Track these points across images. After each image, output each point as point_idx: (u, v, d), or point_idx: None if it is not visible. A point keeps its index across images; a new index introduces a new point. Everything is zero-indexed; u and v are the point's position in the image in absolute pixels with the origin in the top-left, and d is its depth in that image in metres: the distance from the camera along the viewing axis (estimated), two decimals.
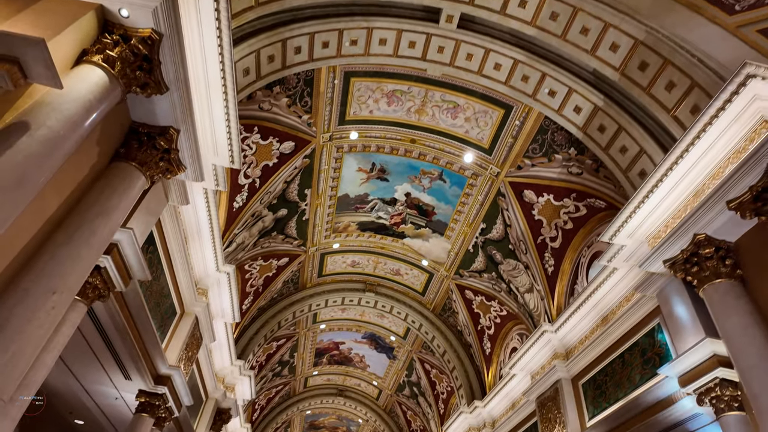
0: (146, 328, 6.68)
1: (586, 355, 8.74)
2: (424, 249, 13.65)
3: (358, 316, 17.75)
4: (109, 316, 5.88)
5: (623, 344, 7.80)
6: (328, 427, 26.67)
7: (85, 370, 7.35)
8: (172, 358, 7.93)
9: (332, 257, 14.53)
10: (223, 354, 11.48)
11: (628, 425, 7.14)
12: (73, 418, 10.09)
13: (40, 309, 3.91)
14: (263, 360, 17.17)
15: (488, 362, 13.65)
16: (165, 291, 7.53)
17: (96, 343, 6.63)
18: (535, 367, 10.15)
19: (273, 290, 13.82)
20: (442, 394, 17.52)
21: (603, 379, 8.16)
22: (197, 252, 8.30)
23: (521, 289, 11.32)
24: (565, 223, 10.05)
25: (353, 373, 21.46)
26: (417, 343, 17.45)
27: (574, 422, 8.50)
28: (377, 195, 12.30)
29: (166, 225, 7.10)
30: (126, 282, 5.46)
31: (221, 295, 9.31)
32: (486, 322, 13.50)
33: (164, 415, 7.89)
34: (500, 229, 11.38)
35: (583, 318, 8.85)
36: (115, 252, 5.10)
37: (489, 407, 12.50)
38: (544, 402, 9.52)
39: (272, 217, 11.32)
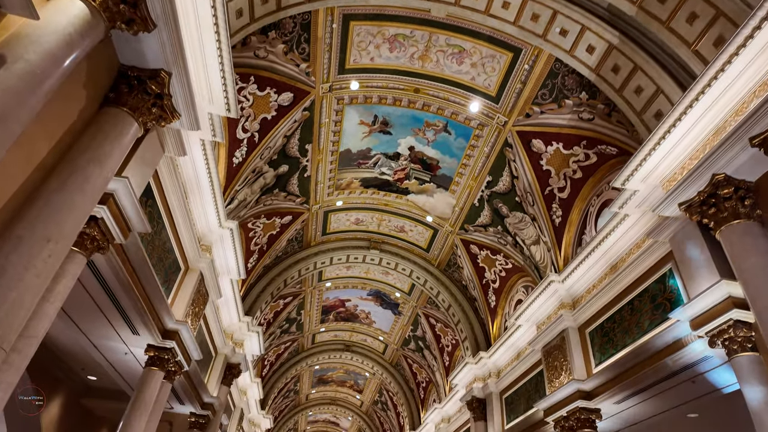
0: (150, 282, 6.60)
1: (593, 303, 8.70)
2: (429, 205, 13.46)
3: (363, 273, 17.82)
4: (111, 270, 5.78)
5: (632, 291, 7.73)
6: (336, 380, 27.49)
7: (93, 326, 7.36)
8: (178, 314, 7.93)
9: (336, 215, 14.38)
10: (231, 311, 11.56)
11: (636, 370, 7.17)
12: (86, 374, 10.29)
13: (36, 257, 3.77)
14: (271, 317, 17.40)
15: (493, 315, 13.75)
16: (167, 246, 7.41)
17: (101, 299, 6.58)
18: (541, 318, 10.18)
19: (277, 249, 13.77)
20: (447, 347, 17.84)
21: (611, 326, 8.14)
22: (198, 207, 8.13)
23: (527, 241, 11.20)
24: (574, 173, 9.78)
25: (359, 329, 21.83)
26: (422, 299, 17.59)
27: (580, 369, 8.58)
28: (380, 149, 11.98)
29: (165, 179, 6.89)
30: (125, 234, 5.32)
31: (225, 252, 9.22)
32: (491, 275, 13.49)
33: (174, 369, 7.98)
34: (507, 182, 11.13)
35: (591, 267, 8.75)
36: (111, 202, 4.92)
37: (494, 358, 12.68)
38: (550, 351, 9.60)
39: (273, 174, 11.08)
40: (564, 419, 8.60)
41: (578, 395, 8.22)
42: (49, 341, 8.95)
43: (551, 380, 9.35)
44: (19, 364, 3.98)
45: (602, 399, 8.04)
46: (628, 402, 8.00)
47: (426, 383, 20.96)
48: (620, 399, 7.93)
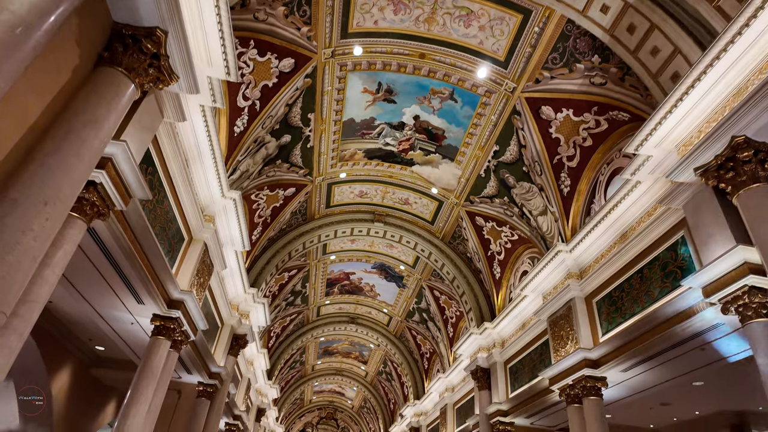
0: (154, 251, 6.52)
1: (601, 273, 8.61)
2: (434, 176, 13.26)
3: (368, 246, 17.78)
4: (113, 238, 5.69)
5: (642, 260, 7.61)
6: (341, 352, 27.91)
7: (98, 295, 7.34)
8: (183, 283, 7.89)
9: (339, 187, 14.22)
10: (236, 282, 11.56)
11: (644, 338, 7.13)
12: (94, 345, 10.38)
13: (34, 221, 3.66)
14: (276, 290, 17.48)
15: (498, 286, 13.73)
16: (170, 216, 7.31)
17: (104, 268, 6.52)
18: (548, 288, 10.12)
19: (281, 221, 13.68)
20: (451, 318, 17.94)
21: (619, 295, 8.07)
22: (200, 176, 7.98)
23: (534, 212, 11.04)
24: (584, 140, 9.53)
25: (364, 302, 21.98)
26: (426, 271, 17.60)
27: (587, 338, 8.56)
28: (384, 119, 11.71)
29: (165, 146, 6.73)
30: (126, 201, 5.19)
31: (229, 222, 9.13)
32: (496, 247, 13.39)
33: (180, 339, 8.00)
34: (514, 151, 10.89)
35: (600, 236, 8.62)
36: (110, 166, 4.77)
37: (498, 328, 12.72)
38: (556, 320, 9.57)
39: (276, 144, 10.87)
40: (569, 387, 8.63)
41: (585, 363, 8.22)
42: (56, 312, 8.99)
43: (557, 349, 9.35)
44: (22, 330, 3.93)
45: (609, 367, 8.04)
46: (634, 370, 8.01)
47: (430, 354, 21.21)
48: (627, 367, 7.94)
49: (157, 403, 7.53)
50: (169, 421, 10.63)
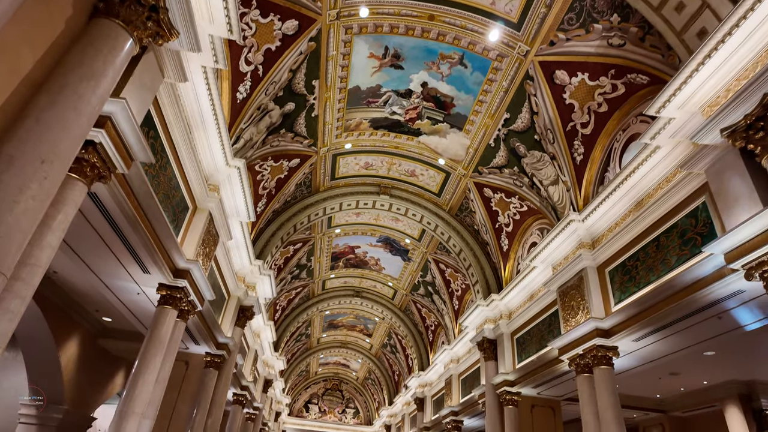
0: (158, 218, 6.35)
1: (615, 242, 8.42)
2: (441, 146, 12.95)
3: (373, 219, 17.62)
4: (116, 204, 5.50)
5: (659, 228, 7.41)
6: (346, 325, 28.14)
7: (103, 265, 7.21)
8: (189, 253, 7.75)
9: (344, 159, 13.94)
10: (242, 254, 11.45)
11: (659, 307, 6.99)
12: (101, 316, 10.35)
13: (31, 179, 3.47)
14: (281, 263, 17.43)
15: (505, 259, 13.59)
16: (174, 183, 7.10)
17: (108, 236, 6.36)
18: (558, 258, 9.96)
19: (286, 193, 13.47)
20: (457, 291, 17.91)
21: (633, 264, 7.90)
22: (203, 143, 7.74)
23: (545, 182, 10.78)
24: (599, 106, 9.19)
25: (369, 276, 21.97)
26: (432, 245, 17.47)
27: (598, 308, 8.44)
28: (391, 86, 11.33)
29: (167, 110, 6.47)
30: (127, 163, 4.98)
31: (233, 192, 8.93)
32: (504, 219, 13.19)
33: (187, 308, 7.92)
34: (526, 119, 10.55)
35: (615, 204, 8.40)
36: (109, 126, 4.54)
37: (506, 300, 12.65)
38: (566, 291, 9.45)
39: (279, 112, 10.55)
40: (579, 357, 8.57)
41: (596, 333, 8.13)
42: (62, 282, 8.90)
43: (567, 320, 9.26)
44: (24, 294, 3.78)
45: (620, 337, 7.95)
46: (647, 339, 7.92)
47: (435, 327, 21.32)
48: (639, 336, 7.84)
49: (165, 373, 7.51)
50: (178, 390, 10.68)
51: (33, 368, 9.76)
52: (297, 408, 38.11)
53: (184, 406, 10.51)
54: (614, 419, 7.56)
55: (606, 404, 7.71)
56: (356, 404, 39.22)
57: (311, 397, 38.68)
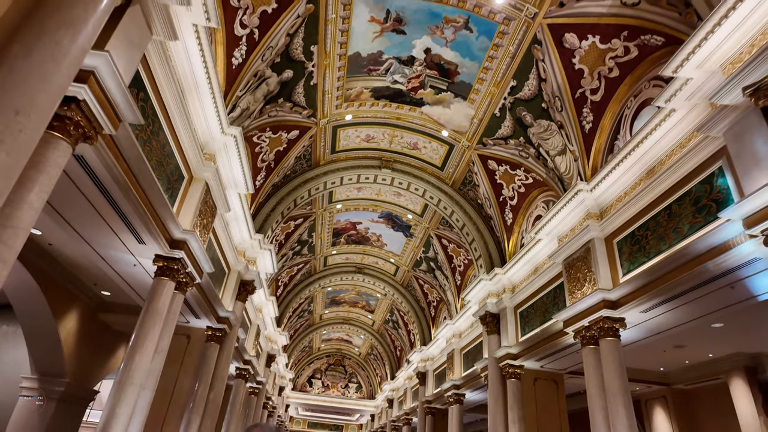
0: (151, 186, 6.10)
1: (624, 212, 8.17)
2: (445, 117, 12.58)
3: (375, 195, 17.36)
4: (105, 168, 5.24)
5: (671, 196, 7.14)
6: (348, 301, 28.21)
7: (97, 235, 7.01)
8: (185, 223, 7.54)
9: (345, 131, 13.59)
10: (241, 228, 11.24)
11: (670, 277, 6.78)
12: (99, 290, 10.23)
13: (4, 132, 3.20)
14: (282, 239, 17.27)
15: (509, 233, 13.38)
16: (167, 151, 6.83)
17: (100, 204, 6.13)
18: (564, 230, 9.73)
19: (285, 166, 13.18)
20: (459, 266, 17.79)
21: (643, 234, 7.66)
22: (197, 110, 7.43)
23: (552, 152, 10.47)
24: (609, 71, 8.81)
25: (371, 252, 21.85)
26: (435, 220, 17.26)
27: (605, 279, 8.25)
28: (392, 53, 10.91)
29: (157, 72, 6.14)
30: (114, 124, 4.71)
31: (230, 161, 8.65)
32: (509, 192, 12.92)
33: (185, 280, 7.75)
34: (533, 86, 10.16)
35: (625, 173, 8.11)
36: (93, 81, 4.25)
37: (509, 273, 12.49)
38: (573, 263, 9.25)
39: (277, 80, 10.18)
40: (585, 329, 8.43)
41: (603, 305, 7.96)
42: (57, 255, 8.73)
43: (572, 292, 9.09)
44: (6, 257, 3.57)
45: (628, 308, 7.78)
46: (655, 311, 7.75)
47: (437, 302, 21.30)
48: (648, 308, 7.67)
49: (164, 345, 7.39)
50: (180, 364, 10.64)
51: (32, 341, 9.70)
52: (300, 383, 38.68)
53: (186, 380, 10.48)
54: (621, 390, 7.45)
55: (613, 376, 7.60)
56: (359, 379, 39.77)
57: (314, 372, 39.21)
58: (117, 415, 6.16)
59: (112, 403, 6.22)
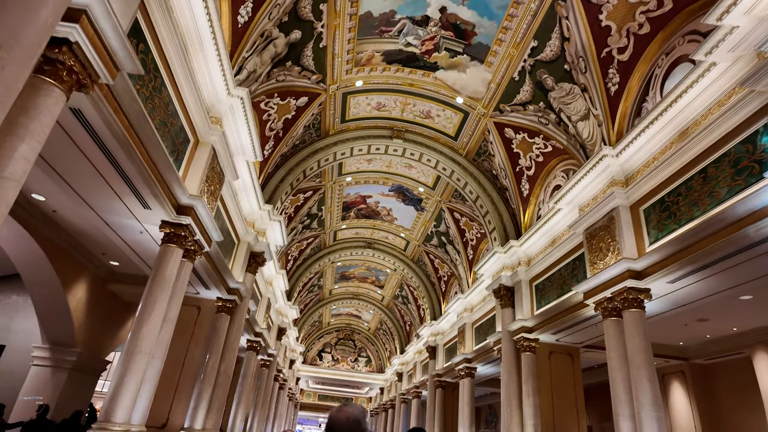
0: (155, 145, 5.78)
1: (652, 178, 7.72)
2: (460, 83, 12.03)
3: (385, 167, 16.94)
4: (103, 122, 4.91)
5: (706, 158, 6.67)
6: (358, 277, 28.13)
7: (100, 199, 6.75)
8: (192, 188, 7.25)
9: (355, 98, 13.11)
10: (250, 197, 10.97)
11: (704, 244, 6.39)
12: (108, 260, 10.08)
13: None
14: (292, 212, 17.01)
15: (525, 204, 12.96)
16: (171, 110, 6.48)
17: (101, 164, 5.83)
18: (586, 199, 9.31)
19: (294, 136, 12.79)
20: (471, 240, 17.45)
21: (673, 200, 7.22)
22: (202, 69, 7.04)
23: (574, 117, 9.95)
24: (639, 27, 8.21)
25: (381, 227, 21.56)
26: (447, 192, 16.85)
27: (630, 248, 7.87)
28: (406, 12, 10.33)
29: (159, 25, 5.74)
30: (111, 72, 4.35)
31: (237, 125, 8.29)
32: (526, 162, 12.44)
33: (193, 248, 7.51)
34: (555, 46, 9.58)
35: (654, 136, 7.63)
36: (86, 21, 3.88)
37: (525, 246, 12.14)
38: (594, 233, 8.86)
39: (285, 41, 9.70)
40: (607, 300, 8.11)
41: (628, 275, 7.60)
42: (63, 222, 8.53)
43: (594, 263, 8.73)
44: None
45: (654, 278, 7.43)
46: (683, 281, 7.39)
47: (448, 277, 21.08)
48: (675, 278, 7.31)
49: (172, 314, 7.20)
50: (191, 335, 10.56)
51: (42, 311, 9.62)
52: (311, 356, 39.15)
53: (197, 350, 10.41)
54: (645, 363, 7.17)
55: (636, 348, 7.30)
56: (368, 353, 40.16)
57: (324, 347, 39.63)
58: (126, 383, 6.01)
59: (120, 371, 6.06)
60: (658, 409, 6.92)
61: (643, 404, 6.96)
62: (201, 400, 9.79)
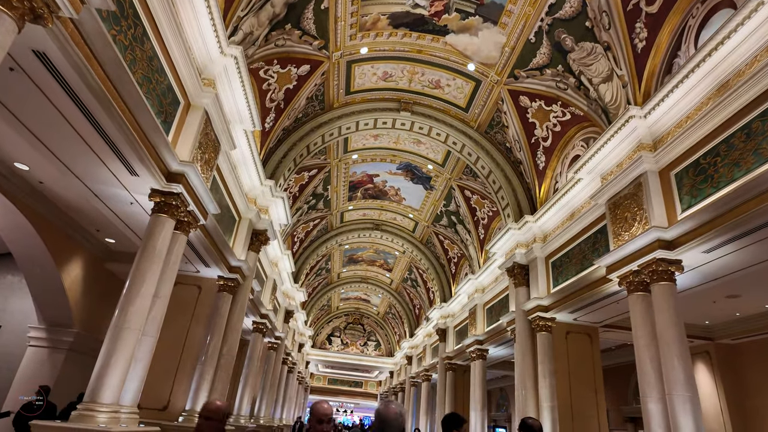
0: (137, 102, 5.23)
1: (685, 139, 7.02)
2: (471, 48, 11.29)
3: (393, 143, 16.31)
4: (74, 69, 4.33)
5: (751, 112, 5.96)
6: (366, 260, 27.69)
7: (83, 165, 6.24)
8: (183, 154, 6.71)
9: (360, 67, 12.43)
10: (250, 172, 10.43)
11: (746, 208, 5.75)
12: (103, 237, 9.66)
13: None
14: (296, 191, 16.49)
15: (541, 178, 12.29)
16: (156, 66, 5.92)
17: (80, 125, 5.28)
18: (609, 167, 8.63)
19: (297, 108, 12.19)
20: (483, 219, 16.84)
21: (711, 161, 6.54)
22: (191, 24, 6.44)
23: (595, 80, 9.21)
24: None
25: (389, 207, 20.99)
26: (457, 169, 16.19)
27: (660, 217, 7.21)
28: None
29: None
30: (75, 5, 3.78)
31: (233, 90, 7.71)
32: (542, 132, 11.73)
33: (187, 220, 7.01)
34: (576, 2, 8.81)
35: (688, 93, 6.91)
36: None
37: (541, 221, 11.51)
38: (619, 202, 8.20)
39: (283, 1, 9.04)
40: (633, 274, 7.50)
41: (657, 245, 6.97)
42: (51, 195, 8.07)
43: (618, 234, 8.09)
44: None
45: (686, 248, 6.79)
46: (720, 250, 6.75)
47: (458, 258, 20.52)
48: (712, 247, 6.67)
49: (165, 290, 6.73)
50: (191, 314, 10.17)
51: (36, 290, 9.26)
52: (320, 340, 39.08)
53: (198, 330, 10.03)
54: (676, 339, 6.58)
55: (667, 323, 6.70)
56: (377, 337, 39.99)
57: (333, 331, 39.51)
58: (113, 362, 5.58)
59: (107, 349, 5.63)
60: (691, 390, 6.35)
61: (675, 385, 6.40)
62: (203, 382, 9.42)
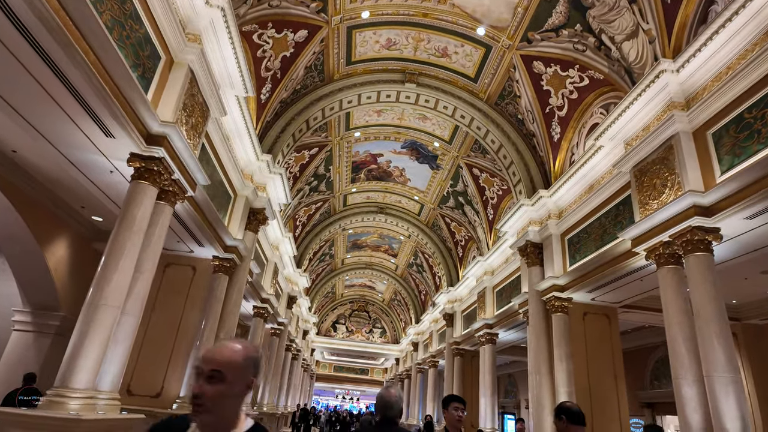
0: (105, 48, 4.56)
1: (724, 93, 6.27)
2: (481, 9, 10.49)
3: (397, 119, 15.57)
4: (28, 6, 3.67)
5: None
6: (370, 245, 27.08)
7: (53, 126, 5.58)
8: (165, 114, 6.05)
9: (362, 34, 11.66)
10: (245, 144, 9.77)
11: None
12: (89, 214, 9.06)
13: None
14: (297, 171, 15.83)
15: (555, 150, 11.54)
16: (129, 10, 5.22)
17: (44, 76, 4.63)
18: (635, 131, 7.89)
19: (295, 78, 11.46)
20: (492, 199, 16.13)
21: (757, 114, 5.80)
22: None
23: (618, 37, 8.42)
24: None
25: (393, 189, 20.29)
26: (465, 146, 15.44)
27: (695, 180, 6.50)
28: None
29: None
30: None
31: (221, 48, 7.01)
32: (557, 101, 10.95)
33: (173, 189, 6.38)
34: None
35: (729, 40, 6.14)
36: None
37: (556, 197, 10.79)
38: (646, 168, 7.48)
39: None
40: (664, 246, 6.82)
41: (693, 211, 6.27)
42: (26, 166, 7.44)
43: (645, 203, 7.38)
44: None
45: (727, 214, 6.10)
46: (764, 216, 6.01)
47: (465, 241, 19.86)
48: (756, 212, 5.95)
49: (148, 266, 6.12)
50: (185, 296, 9.62)
51: (18, 270, 8.71)
52: (325, 328, 38.74)
53: (193, 313, 9.48)
54: (716, 315, 5.92)
55: (705, 298, 6.03)
56: (383, 324, 39.59)
57: (338, 318, 39.15)
58: (88, 343, 4.98)
59: (81, 328, 5.05)
60: (734, 371, 5.70)
61: (715, 366, 5.74)
62: None
